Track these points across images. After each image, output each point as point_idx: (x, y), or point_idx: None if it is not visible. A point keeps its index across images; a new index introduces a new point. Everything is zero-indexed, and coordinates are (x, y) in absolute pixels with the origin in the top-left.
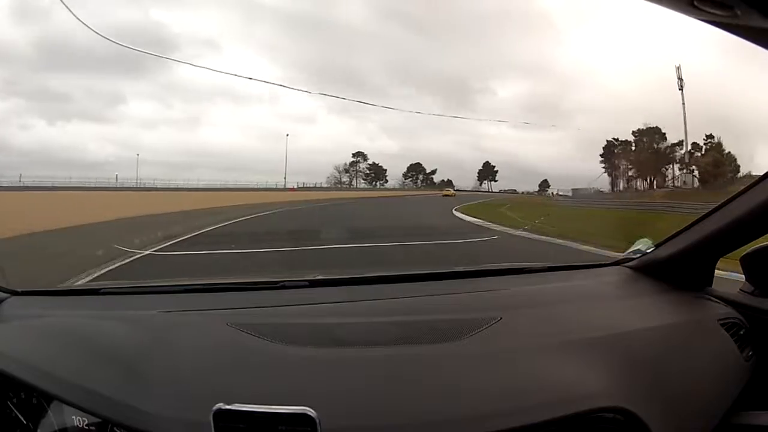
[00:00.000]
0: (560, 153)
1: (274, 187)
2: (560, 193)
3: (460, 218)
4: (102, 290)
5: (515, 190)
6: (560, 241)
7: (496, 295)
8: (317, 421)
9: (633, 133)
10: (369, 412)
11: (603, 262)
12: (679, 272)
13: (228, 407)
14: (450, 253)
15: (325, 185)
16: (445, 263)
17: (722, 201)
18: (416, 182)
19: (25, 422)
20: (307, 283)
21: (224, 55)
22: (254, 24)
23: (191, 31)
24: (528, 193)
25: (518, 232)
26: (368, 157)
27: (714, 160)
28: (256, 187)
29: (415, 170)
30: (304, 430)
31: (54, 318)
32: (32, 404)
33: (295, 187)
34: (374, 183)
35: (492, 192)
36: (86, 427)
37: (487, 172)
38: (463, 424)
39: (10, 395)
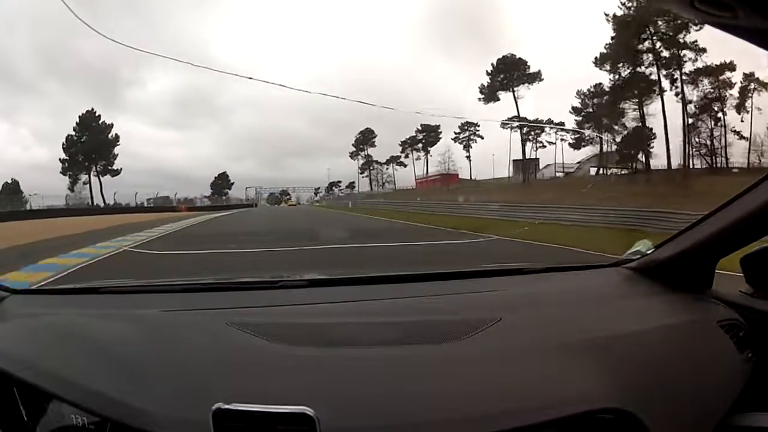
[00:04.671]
0: (209, 154)
1: None
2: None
3: None
4: (101, 289)
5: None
6: None
7: (496, 295)
8: (316, 420)
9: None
10: (368, 412)
11: (603, 263)
12: (679, 273)
13: (227, 407)
14: None
15: None
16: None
17: (722, 203)
18: None
19: (25, 419)
20: (306, 282)
21: None
22: None
23: None
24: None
25: None
26: None
27: None
28: None
29: None
30: (303, 429)
31: (53, 317)
32: (32, 403)
33: None
34: None
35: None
36: (85, 426)
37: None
38: (463, 425)
39: (9, 394)
